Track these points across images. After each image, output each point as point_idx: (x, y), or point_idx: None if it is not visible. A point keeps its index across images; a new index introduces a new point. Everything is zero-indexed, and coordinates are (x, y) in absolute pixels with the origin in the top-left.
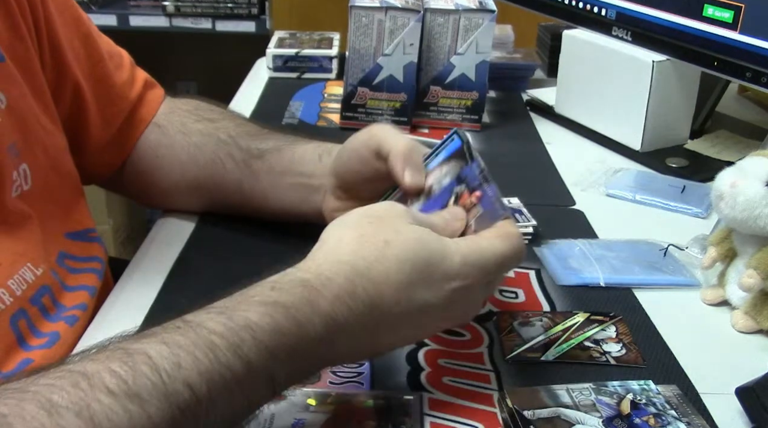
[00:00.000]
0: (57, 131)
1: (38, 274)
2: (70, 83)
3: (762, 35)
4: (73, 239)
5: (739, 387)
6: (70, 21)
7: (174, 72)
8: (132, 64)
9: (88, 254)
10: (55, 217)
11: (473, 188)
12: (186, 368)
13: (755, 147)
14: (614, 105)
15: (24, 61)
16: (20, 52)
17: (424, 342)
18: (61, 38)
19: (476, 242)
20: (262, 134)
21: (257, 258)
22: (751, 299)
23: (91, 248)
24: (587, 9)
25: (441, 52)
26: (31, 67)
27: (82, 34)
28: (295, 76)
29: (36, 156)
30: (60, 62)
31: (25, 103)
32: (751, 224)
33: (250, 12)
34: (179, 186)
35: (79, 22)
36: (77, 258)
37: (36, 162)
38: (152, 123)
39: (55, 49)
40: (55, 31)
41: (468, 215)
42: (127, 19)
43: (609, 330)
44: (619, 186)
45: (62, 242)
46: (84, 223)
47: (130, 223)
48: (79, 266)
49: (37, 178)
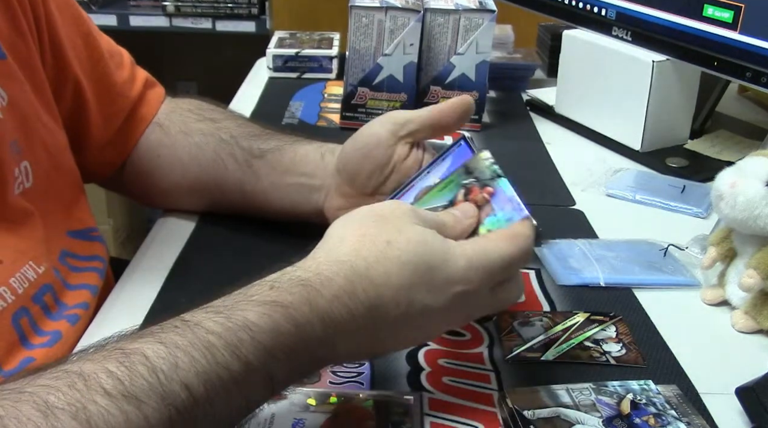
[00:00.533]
0: (58, 128)
1: (40, 272)
2: (70, 81)
3: (762, 35)
4: (75, 237)
5: (739, 387)
6: (70, 19)
7: (174, 72)
8: (132, 63)
9: (90, 252)
10: (57, 214)
11: (484, 183)
12: (183, 368)
13: (755, 147)
14: (614, 105)
15: (25, 58)
16: (21, 49)
17: (424, 343)
18: (61, 36)
19: (482, 244)
20: (263, 135)
21: (257, 258)
22: (751, 299)
23: (93, 246)
24: (587, 9)
25: (441, 52)
26: (32, 65)
27: (82, 32)
28: (295, 76)
29: (37, 153)
30: (60, 60)
31: (26, 100)
32: (751, 224)
33: (250, 12)
34: (180, 186)
35: (80, 21)
36: (79, 257)
37: (37, 159)
38: (153, 123)
39: (55, 47)
40: (56, 29)
41: (480, 212)
42: (127, 19)
43: (609, 330)
44: (619, 186)
45: (64, 240)
46: (86, 221)
47: (131, 223)
48: (81, 265)
49: (38, 175)
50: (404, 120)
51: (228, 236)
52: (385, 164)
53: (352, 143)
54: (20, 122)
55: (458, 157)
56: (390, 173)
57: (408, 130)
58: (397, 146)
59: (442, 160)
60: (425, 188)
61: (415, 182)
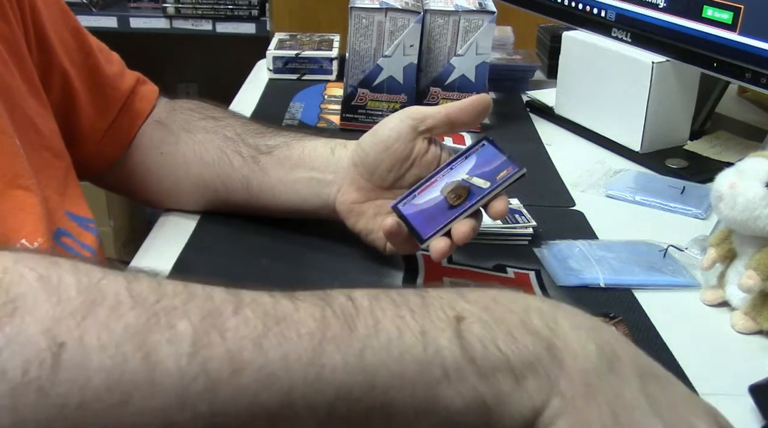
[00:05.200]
0: (47, 114)
1: (32, 250)
2: (57, 71)
3: (761, 36)
4: (72, 219)
5: (753, 384)
6: (57, 12)
7: (174, 74)
8: (122, 61)
9: (84, 240)
10: (55, 192)
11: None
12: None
13: (755, 148)
14: (614, 106)
15: (11, 43)
16: (7, 35)
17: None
18: (47, 27)
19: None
20: (268, 132)
21: (258, 259)
22: (750, 299)
23: (87, 236)
24: (587, 10)
25: (441, 53)
26: (18, 51)
27: (71, 26)
28: (295, 78)
29: (26, 133)
30: (46, 51)
31: (14, 82)
32: (751, 225)
33: (251, 14)
34: (183, 184)
35: (67, 15)
36: (74, 239)
37: (27, 139)
38: (155, 121)
39: (40, 37)
40: (41, 22)
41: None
42: (127, 21)
43: None
44: (619, 187)
45: (63, 218)
46: (83, 210)
47: (131, 224)
48: (75, 247)
49: (30, 153)
50: (423, 116)
51: (229, 236)
52: (406, 158)
53: (371, 137)
54: (7, 101)
55: (483, 156)
56: (410, 167)
57: (427, 125)
58: (417, 140)
59: (465, 158)
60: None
61: (437, 177)
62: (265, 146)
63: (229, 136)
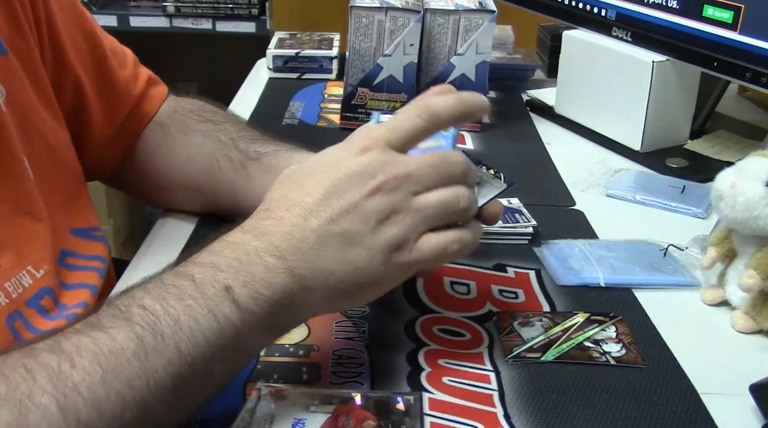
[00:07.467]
0: (59, 125)
1: (38, 276)
2: (70, 79)
3: (762, 35)
4: (77, 235)
5: (753, 383)
6: (72, 18)
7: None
8: (136, 61)
9: (91, 252)
10: (60, 210)
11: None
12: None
13: (755, 147)
14: (614, 105)
15: (25, 56)
16: (21, 47)
17: (424, 342)
18: (62, 34)
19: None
20: (262, 139)
21: None
22: (751, 299)
23: (95, 246)
24: (587, 9)
25: (441, 52)
26: (32, 62)
27: (85, 31)
28: (295, 77)
29: (36, 148)
30: (60, 59)
31: (26, 96)
32: (751, 225)
33: (251, 13)
34: (178, 185)
35: (82, 19)
36: (79, 255)
37: (36, 154)
38: (154, 122)
39: (55, 45)
40: (56, 26)
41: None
42: (127, 20)
43: (609, 330)
44: (619, 186)
45: (67, 238)
46: (89, 220)
47: (131, 223)
48: (81, 263)
49: (39, 170)
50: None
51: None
52: None
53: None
54: (19, 117)
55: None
56: None
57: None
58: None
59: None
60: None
61: None
62: (255, 153)
63: (222, 140)
